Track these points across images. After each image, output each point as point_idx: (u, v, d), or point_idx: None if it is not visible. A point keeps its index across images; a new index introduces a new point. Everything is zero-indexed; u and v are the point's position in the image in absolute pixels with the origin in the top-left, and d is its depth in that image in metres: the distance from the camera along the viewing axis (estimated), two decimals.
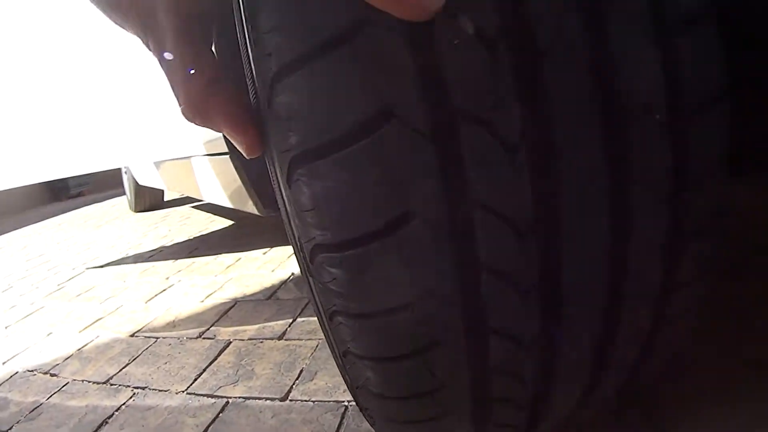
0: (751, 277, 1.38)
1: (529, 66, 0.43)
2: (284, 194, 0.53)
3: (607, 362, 0.60)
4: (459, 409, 0.58)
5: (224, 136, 0.53)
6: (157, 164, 2.50)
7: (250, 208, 1.53)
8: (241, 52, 0.60)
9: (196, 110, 0.49)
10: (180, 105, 0.49)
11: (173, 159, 2.02)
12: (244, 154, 0.52)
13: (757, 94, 1.02)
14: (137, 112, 1.68)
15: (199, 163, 1.76)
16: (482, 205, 0.44)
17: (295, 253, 0.61)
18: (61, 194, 8.24)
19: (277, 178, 0.55)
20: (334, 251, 0.48)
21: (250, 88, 0.55)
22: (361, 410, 0.73)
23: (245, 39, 0.53)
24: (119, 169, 5.03)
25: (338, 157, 0.44)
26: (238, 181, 1.41)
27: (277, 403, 1.20)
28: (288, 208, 0.55)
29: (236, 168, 1.36)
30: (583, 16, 0.44)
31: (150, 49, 0.48)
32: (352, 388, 0.69)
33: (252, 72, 0.51)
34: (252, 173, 1.35)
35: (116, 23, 0.47)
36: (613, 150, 0.47)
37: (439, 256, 0.46)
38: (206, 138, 1.47)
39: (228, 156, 1.35)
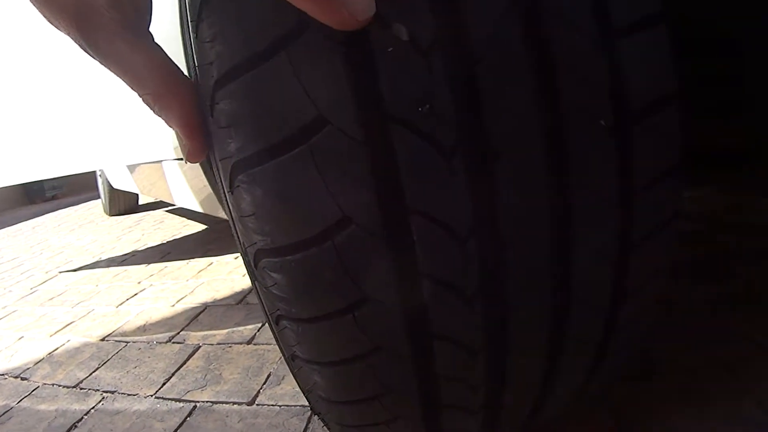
0: (723, 278, 1.40)
1: (465, 72, 0.43)
2: (227, 200, 0.54)
3: (558, 368, 0.60)
4: (409, 415, 0.58)
5: None
6: (131, 168, 2.49)
7: (221, 213, 1.53)
8: (187, 61, 0.60)
9: (156, 97, 0.48)
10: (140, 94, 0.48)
11: (146, 163, 2.02)
12: (186, 158, 0.52)
13: (721, 96, 1.04)
14: (111, 115, 1.68)
15: (170, 168, 1.76)
16: (419, 211, 0.44)
17: (242, 257, 0.62)
18: (36, 197, 8.18)
19: (221, 184, 0.56)
20: (275, 256, 0.48)
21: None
22: (315, 414, 0.73)
23: (190, 48, 0.53)
24: (94, 172, 5.00)
25: (275, 164, 0.44)
26: (209, 186, 1.41)
27: (244, 407, 1.20)
28: (232, 214, 0.56)
29: (205, 173, 1.36)
30: (521, 21, 0.44)
31: (86, 48, 0.46)
32: (305, 392, 0.69)
33: (197, 80, 0.51)
34: None
35: (49, 20, 0.46)
36: (555, 155, 0.47)
37: (377, 263, 0.46)
38: (177, 142, 1.47)
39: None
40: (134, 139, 1.67)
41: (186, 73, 0.56)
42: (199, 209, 1.76)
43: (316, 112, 0.42)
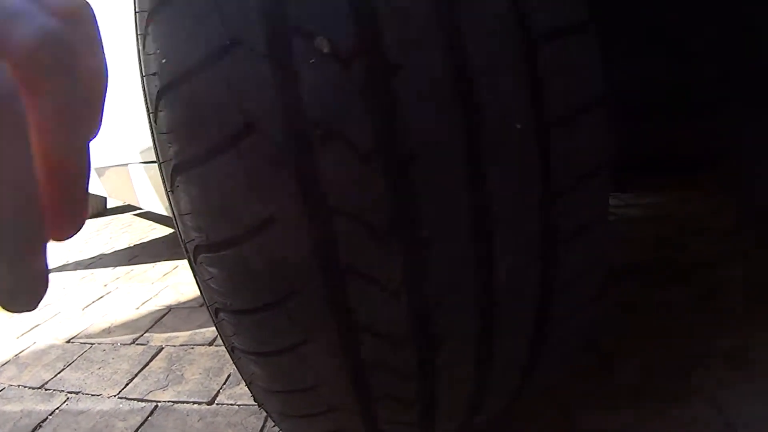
0: (685, 281, 1.45)
1: (381, 80, 0.47)
2: (169, 199, 0.57)
3: (490, 362, 0.62)
4: (344, 405, 0.61)
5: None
6: (99, 171, 2.48)
7: None
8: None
9: None
10: None
11: (113, 166, 2.02)
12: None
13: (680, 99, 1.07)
14: None
15: (136, 171, 1.76)
16: (340, 210, 0.48)
17: (184, 253, 0.65)
18: None
19: (164, 184, 0.59)
20: (210, 251, 0.52)
21: (144, 103, 0.59)
22: (258, 405, 0.76)
23: (138, 59, 0.57)
24: None
25: (209, 166, 0.48)
26: None
27: (204, 406, 1.23)
28: (173, 212, 0.59)
29: None
30: (439, 30, 0.48)
31: None
32: (247, 383, 0.72)
33: (144, 89, 0.55)
34: None
35: None
36: (473, 156, 0.50)
37: (302, 259, 0.49)
38: (142, 146, 1.48)
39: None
40: (101, 142, 1.68)
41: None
42: (164, 213, 1.77)
43: (244, 120, 0.46)
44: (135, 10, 0.55)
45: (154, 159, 1.42)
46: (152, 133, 0.54)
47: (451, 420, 0.70)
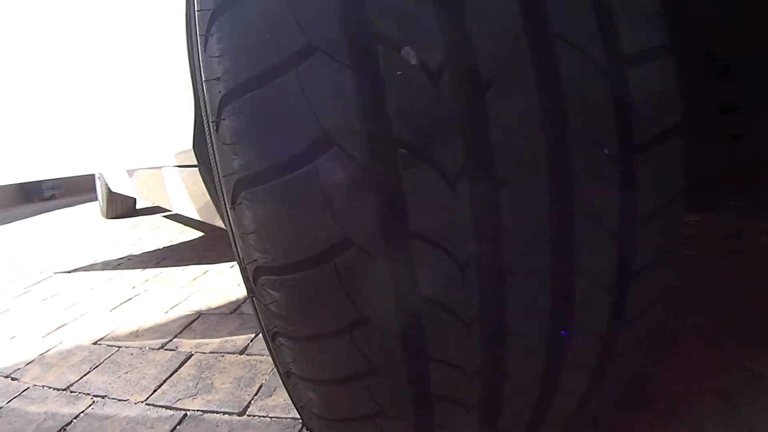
0: (721, 307, 1.40)
1: (473, 97, 0.43)
2: (229, 216, 0.54)
3: (552, 395, 0.60)
4: None
5: (194, 147, 0.53)
6: (130, 172, 2.49)
7: (218, 222, 1.52)
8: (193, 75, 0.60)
9: None
10: None
11: (145, 168, 2.02)
12: None
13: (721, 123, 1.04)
14: (113, 119, 1.68)
15: (170, 174, 1.75)
16: (421, 236, 0.44)
17: (240, 272, 0.62)
18: (34, 196, 8.16)
19: (223, 199, 0.56)
20: (275, 274, 0.48)
21: (202, 109, 0.56)
22: (308, 430, 0.73)
23: (197, 62, 0.53)
24: (92, 175, 4.99)
25: (279, 183, 0.44)
26: (206, 195, 1.41)
27: (235, 417, 1.20)
28: (232, 229, 0.56)
29: (204, 181, 1.36)
30: (530, 46, 0.44)
31: None
32: (298, 408, 0.69)
33: (203, 95, 0.51)
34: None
35: None
36: (559, 181, 0.47)
37: (377, 285, 0.46)
38: (177, 149, 1.47)
39: (197, 168, 1.35)
40: (135, 144, 1.67)
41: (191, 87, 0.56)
42: (196, 217, 1.75)
43: (321, 133, 0.42)
44: (194, 8, 0.52)
45: (189, 163, 1.42)
46: (211, 142, 0.51)
47: None
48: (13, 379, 1.55)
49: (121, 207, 4.81)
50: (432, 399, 0.54)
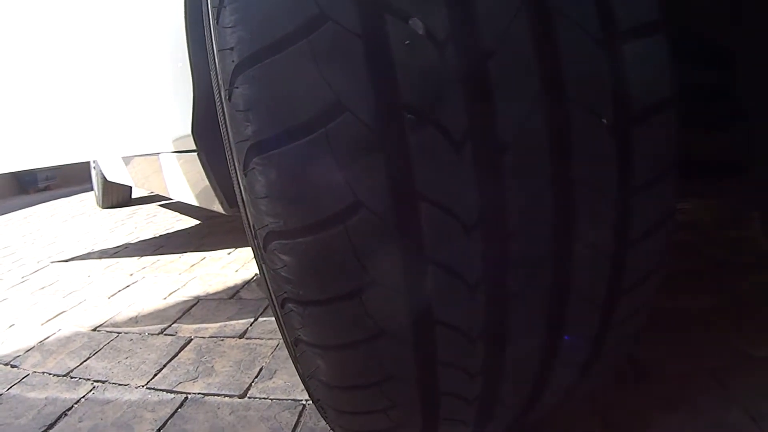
0: (714, 290, 1.42)
1: (476, 65, 0.45)
2: (240, 183, 0.55)
3: (554, 361, 0.61)
4: (407, 402, 0.60)
5: (192, 132, 0.54)
6: (126, 160, 2.49)
7: (216, 206, 1.53)
8: (207, 46, 0.61)
9: None
10: None
11: (142, 155, 2.02)
12: None
13: (713, 107, 1.05)
14: (109, 106, 1.67)
15: (167, 160, 1.76)
16: (428, 199, 0.46)
17: (249, 241, 0.63)
18: (29, 187, 8.14)
19: (234, 167, 0.57)
20: (286, 238, 0.49)
21: (213, 80, 0.57)
22: (313, 402, 0.74)
23: (210, 33, 0.55)
24: (87, 165, 4.98)
25: (292, 147, 0.46)
26: (205, 180, 1.41)
27: (236, 400, 1.21)
28: (244, 197, 0.57)
29: (203, 166, 1.36)
30: (530, 19, 0.46)
31: None
32: (304, 379, 0.70)
33: (215, 65, 0.53)
34: (218, 171, 1.35)
35: None
36: (559, 148, 0.49)
37: (385, 248, 0.47)
38: (175, 135, 1.47)
39: (196, 154, 1.36)
40: (132, 131, 1.67)
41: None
42: (194, 203, 1.76)
43: (334, 99, 0.44)
44: None
45: (188, 148, 1.43)
46: (223, 111, 0.52)
47: (502, 420, 0.69)
48: (12, 366, 1.56)
49: (117, 196, 4.81)
50: (437, 364, 0.55)
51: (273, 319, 1.64)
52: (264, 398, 1.20)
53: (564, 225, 0.51)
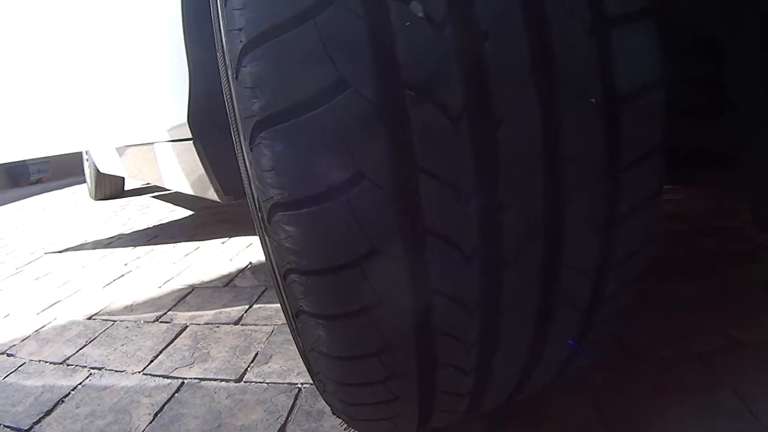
0: (702, 277, 1.45)
1: (472, 46, 0.48)
2: (246, 158, 0.57)
3: (547, 334, 0.64)
4: (404, 373, 0.62)
5: (188, 121, 0.56)
6: (120, 151, 2.49)
7: (211, 194, 1.54)
8: (213, 28, 0.63)
9: None
10: None
11: (136, 145, 2.02)
12: None
13: (702, 98, 1.07)
14: (102, 95, 1.67)
15: (162, 150, 1.76)
16: (426, 170, 0.49)
17: (252, 215, 0.65)
18: (21, 180, 8.12)
19: (240, 143, 0.59)
20: (291, 209, 0.52)
21: (219, 61, 0.59)
22: (312, 377, 0.76)
23: (217, 14, 0.57)
24: (80, 157, 4.97)
25: (298, 121, 0.48)
26: (200, 168, 1.42)
27: (232, 384, 1.23)
28: (249, 171, 0.59)
29: (199, 154, 1.37)
30: (523, 4, 0.49)
31: None
32: (304, 354, 0.72)
33: (222, 45, 0.55)
34: (214, 159, 1.36)
35: None
36: (550, 124, 0.51)
37: (384, 218, 0.50)
38: (170, 124, 1.48)
39: (192, 142, 1.37)
40: (127, 121, 1.67)
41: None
42: (190, 191, 1.76)
43: (338, 76, 0.47)
44: None
45: (183, 137, 1.44)
46: (230, 90, 0.54)
47: (495, 394, 0.71)
48: (8, 355, 1.57)
49: (110, 188, 4.80)
50: (434, 334, 0.58)
51: (268, 305, 1.66)
52: (260, 382, 1.22)
53: (555, 195, 0.54)
